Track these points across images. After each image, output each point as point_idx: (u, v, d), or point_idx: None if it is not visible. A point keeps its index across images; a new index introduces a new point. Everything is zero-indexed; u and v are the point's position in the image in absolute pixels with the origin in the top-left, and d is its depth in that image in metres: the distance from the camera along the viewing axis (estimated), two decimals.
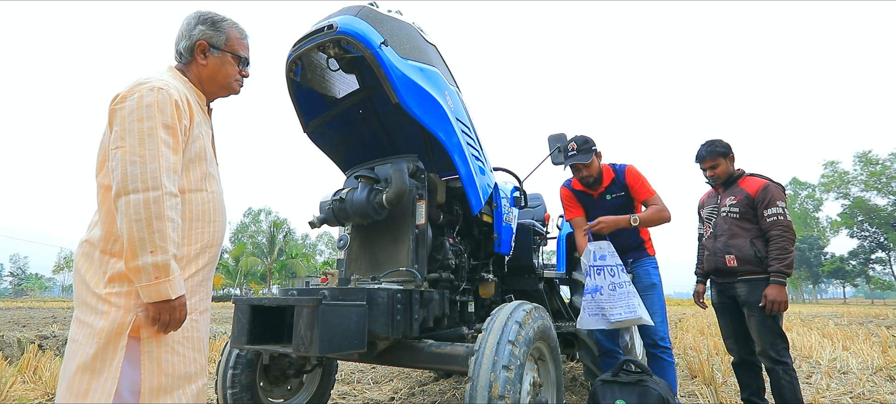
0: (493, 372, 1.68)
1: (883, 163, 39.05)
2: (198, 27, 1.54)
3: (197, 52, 1.54)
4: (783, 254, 2.52)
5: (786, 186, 10.09)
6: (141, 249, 1.23)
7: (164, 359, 1.34)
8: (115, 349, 1.28)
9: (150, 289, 1.25)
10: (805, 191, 56.83)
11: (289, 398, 2.73)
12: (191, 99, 1.47)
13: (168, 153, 1.31)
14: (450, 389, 3.90)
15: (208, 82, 1.58)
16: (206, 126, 1.56)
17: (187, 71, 1.56)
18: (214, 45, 1.55)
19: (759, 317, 2.59)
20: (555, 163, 3.45)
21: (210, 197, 1.51)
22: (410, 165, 2.41)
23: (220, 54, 1.56)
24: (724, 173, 2.80)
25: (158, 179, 1.26)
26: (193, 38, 1.53)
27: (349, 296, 2.01)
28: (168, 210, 1.27)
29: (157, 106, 1.31)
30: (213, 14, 1.57)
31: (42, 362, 4.38)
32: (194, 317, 1.45)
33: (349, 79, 2.70)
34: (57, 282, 74.38)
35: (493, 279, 2.91)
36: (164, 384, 1.34)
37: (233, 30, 1.60)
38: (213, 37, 1.55)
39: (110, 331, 1.28)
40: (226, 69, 1.58)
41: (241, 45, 1.62)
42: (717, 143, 2.83)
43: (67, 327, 9.06)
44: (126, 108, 1.30)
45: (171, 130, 1.33)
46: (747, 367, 2.85)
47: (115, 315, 1.29)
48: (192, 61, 1.55)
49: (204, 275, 1.51)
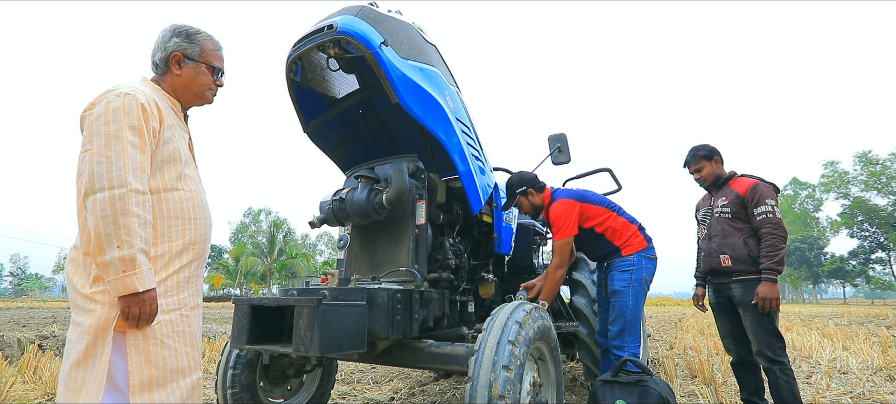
0: (493, 372, 1.68)
1: (883, 163, 39.05)
2: (173, 39, 1.60)
3: (172, 62, 1.60)
4: (773, 251, 2.54)
5: (786, 186, 10.06)
6: (108, 244, 1.28)
7: (152, 352, 1.38)
8: (103, 343, 1.33)
9: (117, 283, 1.29)
10: (805, 191, 56.86)
11: (289, 398, 2.73)
12: (161, 104, 1.52)
13: (134, 153, 1.36)
14: (450, 389, 3.90)
15: (182, 91, 1.64)
16: (180, 130, 1.61)
17: (162, 81, 1.62)
18: (188, 56, 1.61)
19: (754, 317, 2.60)
20: (555, 163, 3.45)
21: (187, 195, 1.55)
22: (410, 165, 2.41)
23: (195, 65, 1.62)
24: (710, 175, 2.87)
25: (124, 177, 1.31)
26: (168, 49, 1.59)
27: (349, 295, 2.01)
28: (133, 206, 1.31)
29: (124, 109, 1.36)
30: (188, 27, 1.63)
31: (42, 362, 4.38)
32: (184, 312, 1.49)
33: (349, 79, 2.70)
34: (57, 282, 74.38)
35: (493, 279, 2.91)
36: (155, 376, 1.38)
37: (207, 42, 1.66)
38: (188, 48, 1.61)
39: (97, 327, 1.33)
40: (199, 79, 1.64)
41: (215, 56, 1.67)
42: (700, 148, 2.92)
43: (67, 327, 9.11)
44: (94, 114, 1.37)
45: (138, 131, 1.38)
46: (746, 367, 2.86)
47: (100, 311, 1.34)
48: (167, 71, 1.62)
49: (191, 272, 1.55)
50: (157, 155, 1.46)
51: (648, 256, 2.87)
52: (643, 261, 2.82)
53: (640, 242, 2.87)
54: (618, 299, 2.78)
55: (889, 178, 38.91)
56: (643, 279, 2.80)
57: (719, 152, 2.91)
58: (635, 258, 2.81)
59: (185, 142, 1.62)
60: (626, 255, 2.83)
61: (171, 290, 1.46)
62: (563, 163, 3.46)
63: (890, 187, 39.10)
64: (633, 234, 2.89)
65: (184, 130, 1.65)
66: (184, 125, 1.67)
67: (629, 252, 2.83)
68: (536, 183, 2.91)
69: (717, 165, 2.88)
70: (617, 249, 2.87)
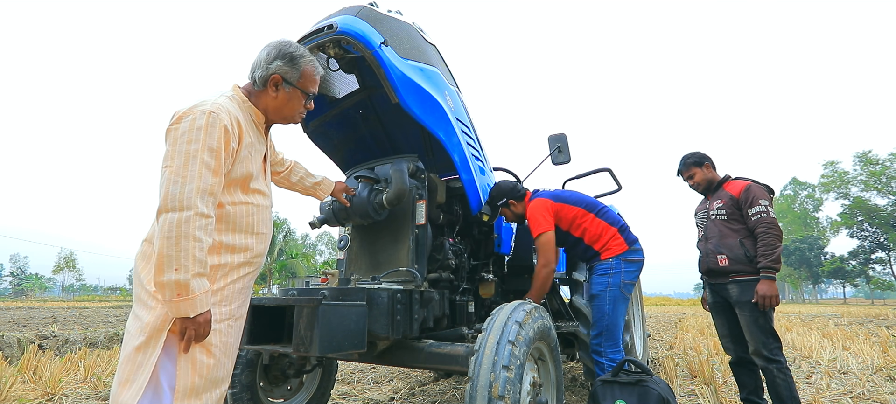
0: (493, 372, 1.68)
1: (883, 163, 39.06)
2: (276, 62, 1.58)
3: (270, 84, 1.59)
4: (769, 249, 2.57)
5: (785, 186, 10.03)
6: (167, 266, 1.29)
7: (199, 361, 1.40)
8: (156, 342, 1.35)
9: (171, 305, 1.32)
10: (805, 191, 56.86)
11: (289, 398, 2.73)
12: (243, 120, 1.52)
13: (208, 175, 1.37)
14: (450, 389, 3.90)
15: (274, 113, 1.64)
16: (259, 145, 1.62)
17: (255, 97, 1.61)
18: (288, 81, 1.60)
19: (751, 316, 2.63)
20: (555, 163, 3.45)
21: (254, 209, 1.58)
22: (410, 165, 2.41)
23: (292, 89, 1.61)
24: (702, 180, 2.96)
25: (192, 200, 1.32)
26: (270, 70, 1.58)
27: (349, 296, 2.01)
28: (196, 230, 1.32)
29: (206, 129, 1.38)
30: (294, 49, 1.61)
31: (42, 362, 4.38)
32: (230, 323, 1.51)
33: (349, 79, 2.70)
34: (57, 282, 74.35)
35: (493, 279, 2.91)
36: (197, 385, 1.40)
37: (309, 67, 1.64)
38: (289, 73, 1.59)
39: (154, 326, 1.36)
40: (293, 103, 1.64)
41: (313, 82, 1.66)
42: (690, 156, 3.03)
43: (67, 328, 9.13)
44: (180, 130, 1.38)
45: (216, 153, 1.39)
46: (744, 366, 2.88)
47: (160, 310, 1.36)
48: (263, 91, 1.61)
49: (245, 283, 1.58)
50: (231, 173, 1.49)
51: (629, 259, 2.76)
52: (622, 265, 2.73)
53: (620, 245, 2.78)
54: (595, 303, 2.75)
55: (889, 178, 38.92)
56: (621, 283, 2.71)
57: (710, 158, 2.99)
58: (613, 261, 2.74)
59: (260, 155, 1.64)
60: (604, 259, 2.77)
61: (226, 299, 1.48)
62: (563, 163, 3.46)
63: (890, 187, 39.10)
64: (611, 237, 2.80)
65: (262, 144, 1.65)
66: (262, 139, 1.67)
67: (607, 256, 2.76)
68: (515, 192, 2.85)
69: (708, 170, 2.96)
70: (597, 253, 2.82)
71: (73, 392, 3.78)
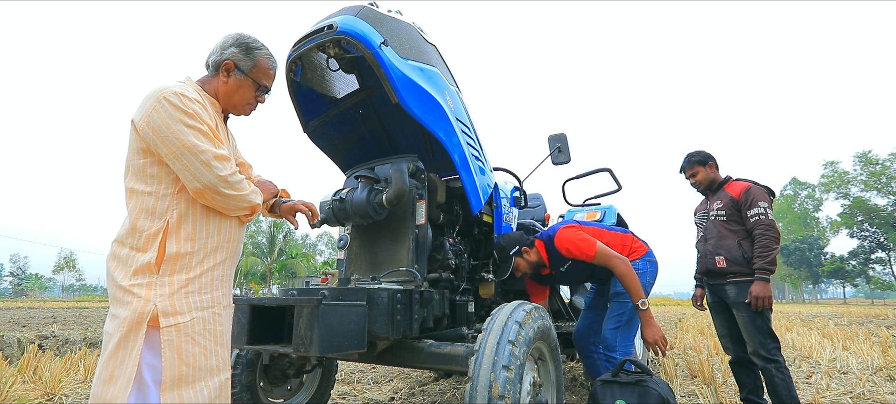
0: (493, 372, 1.68)
1: (883, 163, 39.04)
2: (231, 48, 1.60)
3: (222, 69, 1.61)
4: (765, 252, 2.59)
5: (785, 186, 10.06)
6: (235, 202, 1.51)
7: (184, 349, 1.38)
8: (136, 336, 1.34)
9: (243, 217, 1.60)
10: (805, 191, 56.87)
11: (289, 398, 2.73)
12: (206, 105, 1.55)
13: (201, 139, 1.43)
14: (450, 389, 3.90)
15: (224, 99, 1.64)
16: (223, 132, 1.63)
17: (207, 83, 1.63)
18: (240, 68, 1.61)
19: (748, 317, 2.65)
20: (555, 163, 3.45)
21: None
22: (410, 165, 2.40)
23: (242, 77, 1.62)
24: (705, 179, 2.96)
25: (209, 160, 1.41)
26: (224, 55, 1.60)
27: (349, 296, 2.01)
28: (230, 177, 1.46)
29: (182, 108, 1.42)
30: (251, 41, 1.63)
31: (42, 362, 4.38)
32: (217, 311, 1.50)
33: (349, 79, 2.70)
34: (57, 282, 74.36)
35: (493, 279, 2.91)
36: (185, 374, 1.38)
37: (263, 59, 1.65)
38: (242, 61, 1.61)
39: (132, 320, 1.34)
40: (242, 92, 1.64)
41: (266, 74, 1.67)
42: (694, 154, 3.02)
43: (67, 327, 9.12)
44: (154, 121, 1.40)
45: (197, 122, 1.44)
46: (744, 366, 2.90)
47: (136, 304, 1.35)
48: (215, 76, 1.63)
49: (223, 271, 1.56)
50: None
51: (651, 259, 2.89)
52: (647, 265, 2.84)
53: (641, 247, 2.89)
54: (619, 299, 2.76)
55: (889, 178, 38.90)
56: (647, 283, 2.80)
57: (714, 158, 2.99)
58: (640, 262, 2.82)
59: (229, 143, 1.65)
60: (633, 260, 2.82)
61: (204, 288, 1.47)
62: (563, 163, 3.46)
63: (890, 187, 39.08)
64: (632, 242, 2.91)
65: (225, 132, 1.66)
66: (224, 127, 1.68)
67: (635, 257, 2.84)
68: (525, 239, 2.76)
69: (711, 170, 2.96)
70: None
71: (73, 392, 3.78)
